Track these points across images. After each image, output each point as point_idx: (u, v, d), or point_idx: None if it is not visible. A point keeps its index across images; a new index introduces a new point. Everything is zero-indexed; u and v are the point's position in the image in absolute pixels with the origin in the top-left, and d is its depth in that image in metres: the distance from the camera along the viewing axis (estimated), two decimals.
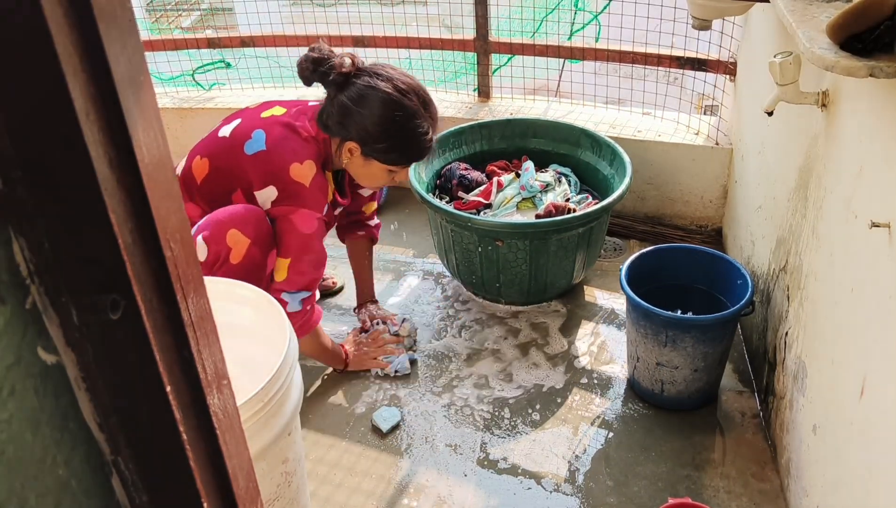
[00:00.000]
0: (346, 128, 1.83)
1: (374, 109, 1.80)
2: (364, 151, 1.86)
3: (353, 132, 1.83)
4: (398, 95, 1.80)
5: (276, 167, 1.82)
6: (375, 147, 1.85)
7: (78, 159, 0.50)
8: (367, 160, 1.88)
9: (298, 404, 1.48)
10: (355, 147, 1.85)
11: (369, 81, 1.80)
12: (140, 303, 0.56)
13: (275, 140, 1.84)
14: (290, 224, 1.84)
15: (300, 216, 1.83)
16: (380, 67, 1.86)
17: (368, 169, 1.91)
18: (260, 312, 1.59)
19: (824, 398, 1.52)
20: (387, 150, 1.85)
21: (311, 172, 1.84)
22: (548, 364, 2.24)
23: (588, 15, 3.08)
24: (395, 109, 1.80)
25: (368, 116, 1.80)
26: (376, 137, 1.83)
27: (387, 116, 1.80)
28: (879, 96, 1.30)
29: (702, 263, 2.10)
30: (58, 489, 0.57)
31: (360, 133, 1.83)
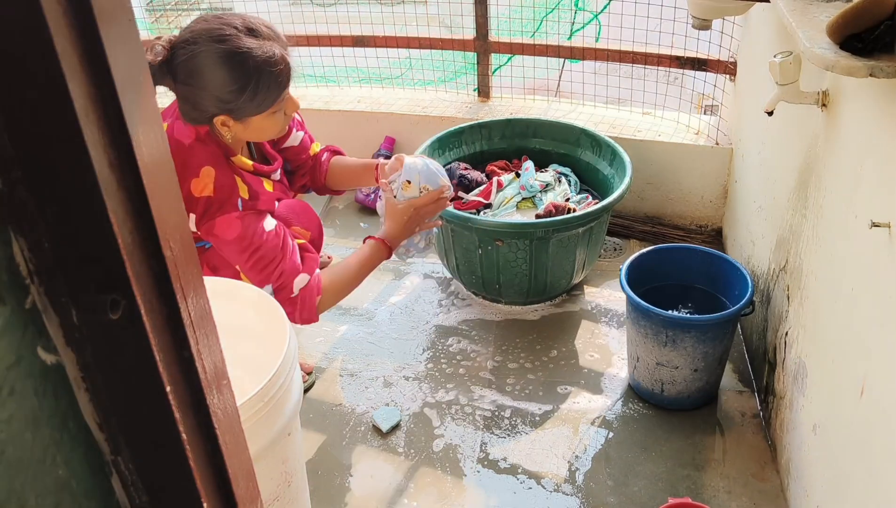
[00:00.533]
0: (203, 109, 1.67)
1: (209, 75, 1.62)
2: (235, 117, 1.69)
3: (210, 109, 1.66)
4: (218, 44, 1.62)
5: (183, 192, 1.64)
6: (241, 106, 1.67)
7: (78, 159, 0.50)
8: (245, 122, 1.71)
9: (298, 404, 1.48)
10: (225, 118, 1.68)
11: (186, 52, 1.62)
12: (140, 303, 0.56)
13: None
14: (216, 239, 1.72)
15: (220, 226, 1.70)
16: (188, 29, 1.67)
17: (252, 128, 1.73)
18: (260, 312, 1.59)
19: (824, 398, 1.52)
20: (251, 98, 1.66)
21: (210, 176, 1.69)
22: (548, 364, 2.24)
23: (588, 15, 3.08)
24: (227, 60, 1.62)
25: (210, 85, 1.63)
26: (231, 98, 1.65)
27: (223, 71, 1.62)
28: (879, 96, 1.30)
29: (702, 263, 2.10)
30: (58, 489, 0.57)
31: (217, 105, 1.66)
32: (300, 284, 1.79)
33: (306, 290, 1.80)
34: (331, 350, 2.34)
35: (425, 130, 2.85)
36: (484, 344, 2.33)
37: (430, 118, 2.98)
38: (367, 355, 2.31)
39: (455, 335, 2.37)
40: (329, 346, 2.35)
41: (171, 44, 1.64)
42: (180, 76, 1.63)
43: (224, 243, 1.71)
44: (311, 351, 2.33)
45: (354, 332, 2.41)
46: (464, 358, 2.27)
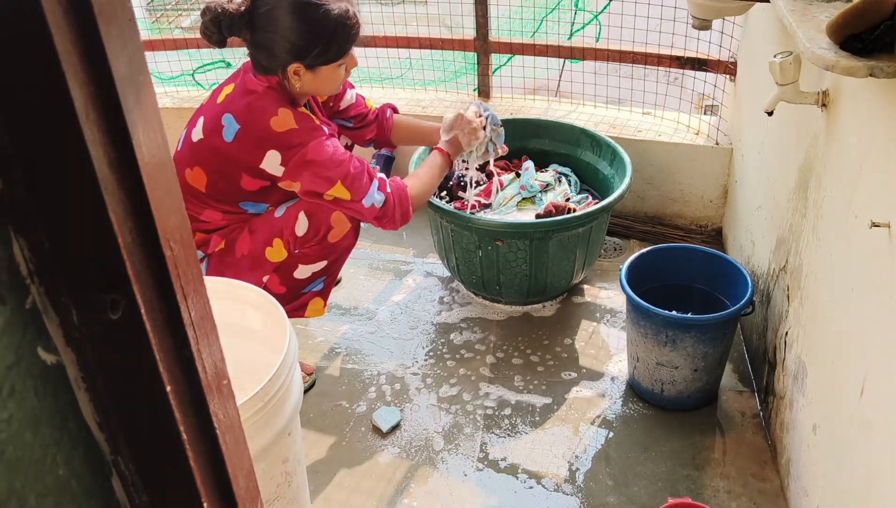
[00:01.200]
0: (278, 57, 1.80)
1: (290, 24, 1.76)
2: (307, 65, 1.82)
3: (287, 56, 1.80)
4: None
5: (259, 133, 1.81)
6: (313, 55, 1.81)
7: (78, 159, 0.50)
8: (315, 71, 1.85)
9: (298, 404, 1.48)
10: (297, 67, 1.82)
11: (268, 2, 1.76)
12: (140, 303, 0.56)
13: (242, 113, 1.82)
14: (313, 164, 1.83)
15: (312, 151, 1.82)
16: None
17: (320, 78, 1.87)
18: (260, 312, 1.59)
19: (824, 398, 1.52)
20: (324, 50, 1.81)
21: (289, 115, 1.83)
22: (548, 364, 2.24)
23: (588, 15, 3.07)
24: (308, 11, 1.76)
25: (289, 33, 1.76)
26: (308, 46, 1.79)
27: (303, 21, 1.76)
28: (879, 96, 1.30)
29: (702, 263, 2.10)
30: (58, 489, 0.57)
31: (293, 53, 1.79)
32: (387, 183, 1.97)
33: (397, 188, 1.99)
34: (331, 350, 2.34)
35: None
36: (484, 344, 2.33)
37: (430, 118, 2.98)
38: (367, 354, 2.31)
39: (455, 335, 2.37)
40: (329, 346, 2.35)
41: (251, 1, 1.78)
42: (260, 24, 1.78)
43: (320, 164, 1.83)
44: (311, 351, 2.33)
45: (355, 331, 2.41)
46: (463, 358, 2.27)
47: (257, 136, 1.81)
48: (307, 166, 1.83)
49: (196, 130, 1.90)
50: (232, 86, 1.90)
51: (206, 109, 1.92)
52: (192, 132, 1.91)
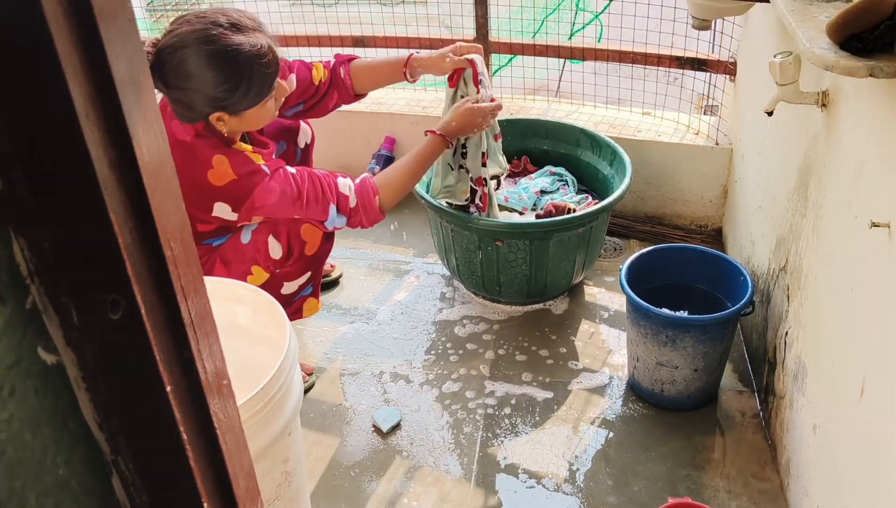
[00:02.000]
0: (199, 109, 1.67)
1: (201, 76, 1.61)
2: (231, 112, 1.70)
3: (207, 108, 1.67)
4: (206, 46, 1.60)
5: (200, 189, 1.72)
6: (235, 101, 1.67)
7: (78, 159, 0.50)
8: (239, 115, 1.72)
9: (298, 404, 1.48)
10: (220, 115, 1.70)
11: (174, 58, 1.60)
12: (140, 303, 0.56)
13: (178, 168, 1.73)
14: (263, 208, 1.77)
15: (258, 198, 1.74)
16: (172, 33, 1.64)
17: (247, 119, 1.75)
18: (260, 312, 1.59)
19: (824, 398, 1.52)
20: (246, 93, 1.67)
21: (225, 163, 1.72)
22: (548, 364, 2.24)
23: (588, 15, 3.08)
24: (217, 61, 1.61)
25: (203, 86, 1.62)
26: (229, 94, 1.65)
27: (214, 70, 1.61)
28: (879, 96, 1.30)
29: (702, 263, 2.10)
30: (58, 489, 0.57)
31: (211, 104, 1.66)
32: (351, 189, 1.88)
33: (361, 193, 1.90)
34: (331, 350, 2.34)
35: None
36: (483, 344, 2.33)
37: (430, 118, 2.98)
38: (367, 354, 2.31)
39: (455, 335, 2.37)
40: (330, 346, 2.35)
41: (157, 47, 1.63)
42: (171, 80, 1.63)
43: (271, 208, 1.78)
44: (311, 351, 2.33)
45: (355, 331, 2.41)
46: (463, 358, 2.27)
47: (199, 191, 1.73)
48: (260, 211, 1.78)
49: None
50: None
51: None
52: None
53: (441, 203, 2.29)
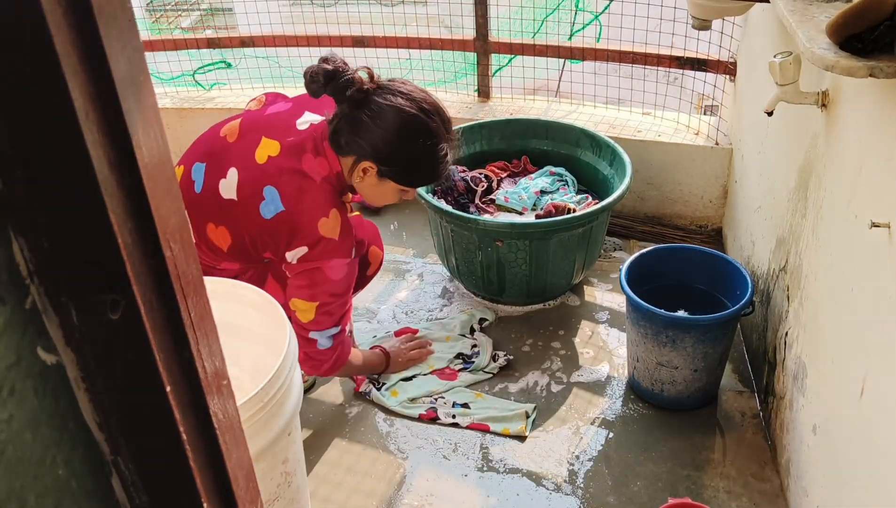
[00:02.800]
0: (363, 147, 1.71)
1: (397, 130, 1.69)
2: (380, 172, 1.75)
3: (371, 152, 1.71)
4: (423, 116, 1.71)
5: (302, 228, 1.71)
6: (394, 169, 1.74)
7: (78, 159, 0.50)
8: (382, 180, 1.77)
9: (298, 404, 1.48)
10: (371, 167, 1.73)
11: (391, 99, 1.69)
12: (140, 303, 0.56)
13: (291, 197, 1.71)
14: (321, 274, 1.75)
15: (332, 267, 1.75)
16: (398, 83, 1.75)
17: (380, 189, 1.80)
18: (260, 312, 1.59)
19: (824, 398, 1.52)
20: (406, 172, 1.76)
21: (338, 221, 1.74)
22: (548, 364, 2.24)
23: (588, 15, 3.08)
24: (420, 131, 1.71)
25: (392, 138, 1.69)
26: (397, 160, 1.73)
27: (410, 138, 1.70)
28: (879, 96, 1.30)
29: (702, 263, 2.10)
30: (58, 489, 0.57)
31: (379, 154, 1.71)
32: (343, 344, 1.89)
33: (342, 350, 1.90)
34: None
35: None
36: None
37: None
38: None
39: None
40: None
41: (379, 81, 1.73)
42: (371, 109, 1.69)
43: (326, 281, 1.76)
44: None
45: (356, 331, 2.40)
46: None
47: (299, 229, 1.72)
48: (312, 273, 1.75)
49: (227, 184, 1.75)
50: (277, 147, 1.75)
51: (242, 163, 1.76)
52: (221, 184, 1.76)
53: (441, 203, 2.29)
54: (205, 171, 1.80)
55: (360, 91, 1.68)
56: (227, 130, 1.84)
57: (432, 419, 2.06)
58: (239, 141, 1.80)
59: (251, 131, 1.80)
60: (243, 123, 1.83)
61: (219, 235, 1.79)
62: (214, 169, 1.79)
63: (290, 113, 1.84)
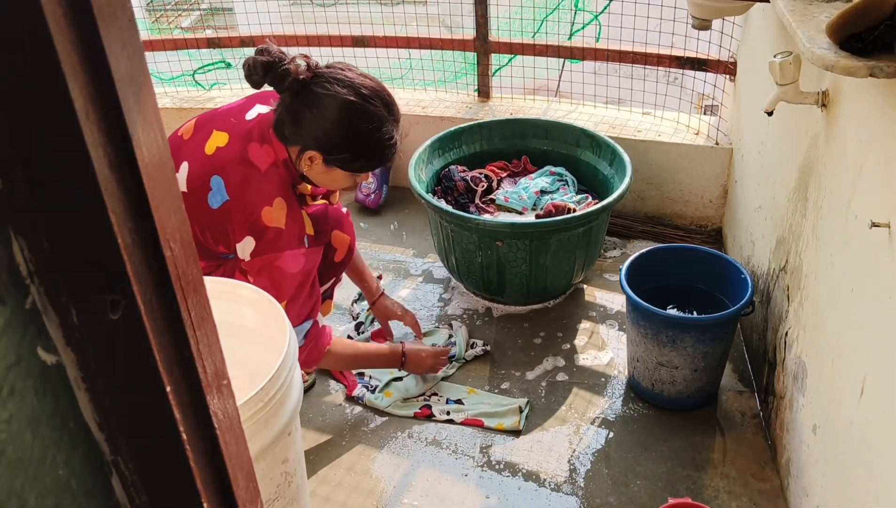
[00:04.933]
0: (305, 137, 1.69)
1: (337, 119, 1.66)
2: (326, 161, 1.72)
3: (313, 142, 1.69)
4: (361, 101, 1.67)
5: (246, 217, 1.69)
6: (339, 156, 1.72)
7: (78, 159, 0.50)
8: (330, 168, 1.74)
9: (298, 404, 1.48)
10: (316, 155, 1.71)
11: (328, 87, 1.66)
12: (140, 303, 0.56)
13: (236, 186, 1.70)
14: (278, 271, 1.72)
15: (285, 260, 1.72)
16: (337, 68, 1.71)
17: (330, 176, 1.77)
18: (260, 312, 1.59)
19: (824, 398, 1.52)
20: (352, 159, 1.73)
21: (283, 209, 1.71)
22: (548, 364, 2.24)
23: (588, 15, 3.08)
24: (360, 117, 1.68)
25: (331, 126, 1.67)
26: (340, 148, 1.70)
27: (351, 125, 1.68)
28: (879, 96, 1.30)
29: (702, 263, 2.10)
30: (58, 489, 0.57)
31: (322, 143, 1.69)
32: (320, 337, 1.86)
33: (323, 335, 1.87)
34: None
35: (425, 131, 2.85)
36: (484, 344, 2.32)
37: (429, 118, 2.98)
38: None
39: (454, 335, 2.36)
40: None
41: (316, 69, 1.70)
42: (309, 99, 1.67)
43: (285, 277, 1.73)
44: None
45: (350, 329, 2.40)
46: (463, 358, 2.27)
47: (244, 218, 1.70)
48: (270, 273, 1.72)
49: (179, 177, 1.74)
50: (226, 137, 1.75)
51: (192, 156, 1.76)
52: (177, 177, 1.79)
53: (441, 203, 2.29)
54: None
55: (296, 81, 1.67)
56: (185, 128, 1.85)
57: (427, 416, 2.07)
58: (193, 137, 1.80)
59: (204, 126, 1.81)
60: (198, 121, 1.84)
61: None
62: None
63: (241, 106, 1.84)
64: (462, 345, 2.26)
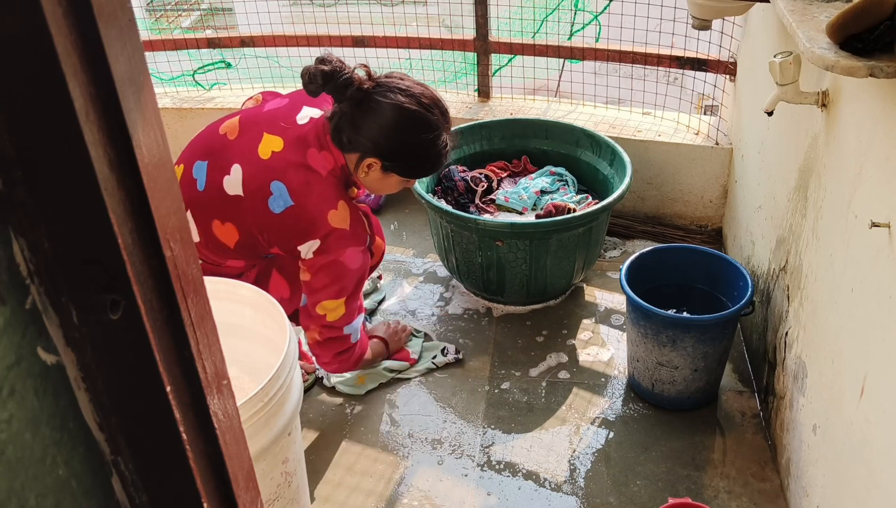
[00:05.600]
0: (366, 145, 1.75)
1: (400, 127, 1.73)
2: (385, 167, 1.79)
3: (374, 149, 1.75)
4: (423, 110, 1.75)
5: (312, 221, 1.74)
6: (398, 163, 1.79)
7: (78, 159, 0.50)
8: (386, 174, 1.82)
9: (298, 404, 1.48)
10: (375, 163, 1.77)
11: (392, 96, 1.72)
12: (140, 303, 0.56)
13: (299, 190, 1.74)
14: (341, 267, 1.78)
15: (349, 256, 1.78)
16: (396, 77, 1.78)
17: (385, 182, 1.85)
18: (260, 312, 1.59)
19: (824, 398, 1.52)
20: (410, 166, 1.82)
21: (347, 212, 1.77)
22: (548, 364, 2.24)
23: (588, 15, 3.08)
24: (421, 125, 1.75)
25: (394, 135, 1.73)
26: (400, 155, 1.77)
27: (413, 133, 1.75)
28: (879, 96, 1.30)
29: (702, 263, 2.10)
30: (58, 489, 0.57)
31: (383, 150, 1.75)
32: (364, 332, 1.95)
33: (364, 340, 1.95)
34: None
35: None
36: (483, 344, 2.33)
37: None
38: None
39: (455, 334, 2.37)
40: None
41: (378, 79, 1.76)
42: (371, 106, 1.72)
43: (347, 273, 1.80)
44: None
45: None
46: (463, 357, 2.27)
47: (311, 222, 1.74)
48: (331, 267, 1.77)
49: (231, 180, 1.77)
50: (281, 143, 1.78)
51: (245, 159, 1.78)
52: (225, 181, 1.77)
53: (441, 203, 2.29)
54: (207, 169, 1.81)
55: (359, 90, 1.72)
56: (227, 127, 1.85)
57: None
58: (240, 138, 1.82)
59: (251, 128, 1.82)
60: (242, 121, 1.85)
61: (225, 231, 1.81)
62: (217, 167, 1.80)
63: (288, 108, 1.86)
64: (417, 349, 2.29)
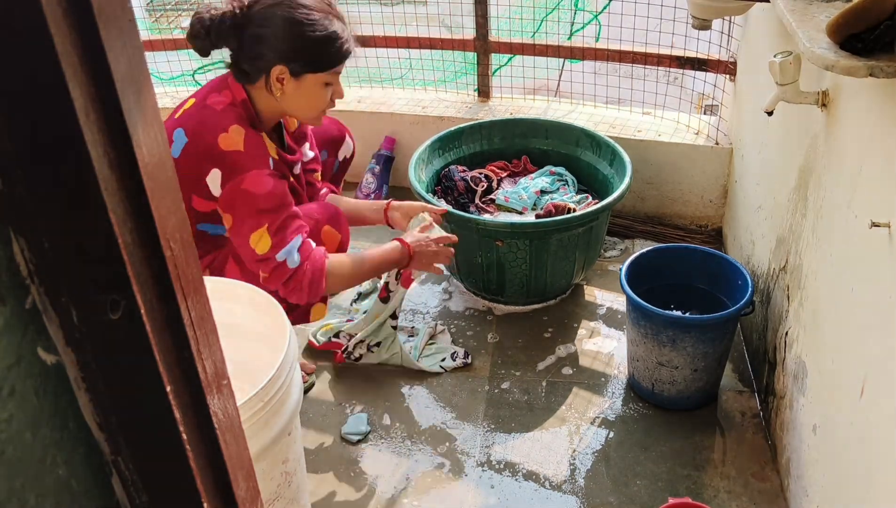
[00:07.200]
0: (265, 59, 1.75)
1: (285, 20, 1.72)
2: (292, 70, 1.76)
3: (273, 56, 1.74)
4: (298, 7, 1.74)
5: (205, 148, 1.73)
6: (302, 59, 1.75)
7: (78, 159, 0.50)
8: (299, 80, 1.78)
9: (298, 404, 1.48)
10: (282, 69, 1.75)
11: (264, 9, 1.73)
12: (140, 303, 0.56)
13: (193, 127, 1.76)
14: (245, 194, 1.73)
15: (250, 180, 1.73)
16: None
17: (304, 91, 1.79)
18: (260, 312, 1.59)
19: (824, 398, 1.52)
20: (317, 54, 1.76)
21: (240, 134, 1.74)
22: (548, 364, 2.24)
23: (588, 15, 3.08)
24: (303, 12, 1.73)
25: (283, 30, 1.72)
26: (299, 46, 1.74)
27: (299, 21, 1.73)
28: (879, 96, 1.30)
29: (702, 263, 2.10)
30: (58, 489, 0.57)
31: (282, 53, 1.74)
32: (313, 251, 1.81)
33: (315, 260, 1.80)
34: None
35: (425, 131, 2.85)
36: (483, 344, 2.32)
37: (429, 118, 2.98)
38: None
39: (456, 333, 2.36)
40: None
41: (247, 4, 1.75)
42: (254, 21, 1.73)
43: (253, 198, 1.73)
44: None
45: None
46: (463, 357, 2.27)
47: (203, 151, 1.74)
48: (241, 196, 1.73)
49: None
50: (192, 101, 1.84)
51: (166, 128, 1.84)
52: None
53: (441, 203, 2.29)
54: None
55: (235, 16, 1.74)
56: None
57: None
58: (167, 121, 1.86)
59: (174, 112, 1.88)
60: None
61: None
62: None
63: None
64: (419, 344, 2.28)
